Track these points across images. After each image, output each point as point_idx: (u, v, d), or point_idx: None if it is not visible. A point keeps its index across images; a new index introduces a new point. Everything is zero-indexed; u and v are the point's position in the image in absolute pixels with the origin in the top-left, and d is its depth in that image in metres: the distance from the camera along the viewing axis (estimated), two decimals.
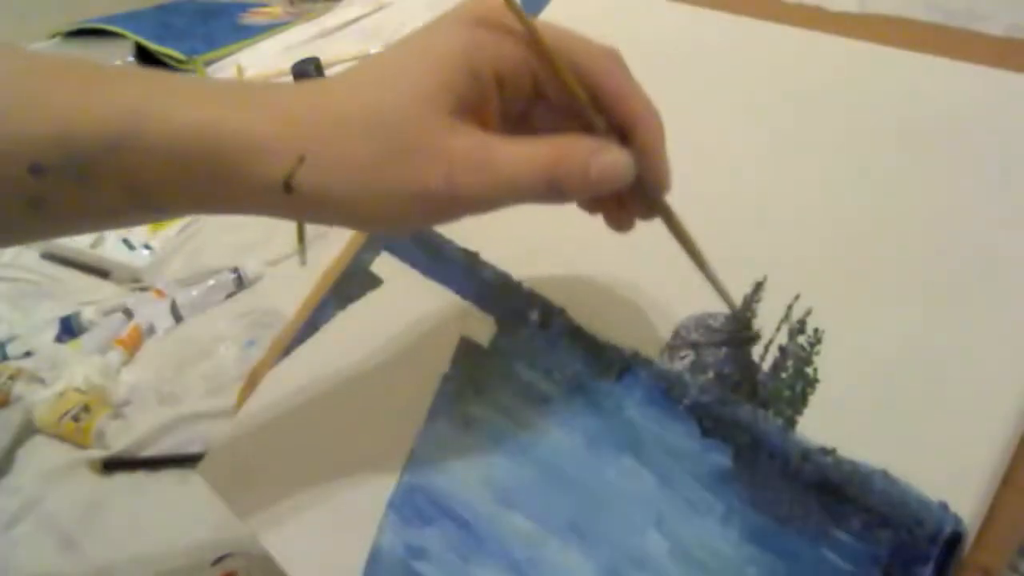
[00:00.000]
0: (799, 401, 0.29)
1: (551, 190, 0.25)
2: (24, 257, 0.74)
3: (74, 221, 0.28)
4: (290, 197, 0.25)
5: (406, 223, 0.27)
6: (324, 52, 0.92)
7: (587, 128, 0.26)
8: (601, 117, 0.26)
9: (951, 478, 0.26)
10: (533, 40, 0.26)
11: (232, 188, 0.26)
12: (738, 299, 0.32)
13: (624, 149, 0.26)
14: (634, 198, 0.28)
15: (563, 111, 0.27)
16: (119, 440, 0.54)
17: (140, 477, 0.52)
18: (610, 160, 0.26)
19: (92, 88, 0.25)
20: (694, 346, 0.32)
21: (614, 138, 0.26)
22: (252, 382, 0.43)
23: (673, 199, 0.28)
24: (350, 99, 0.26)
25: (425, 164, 0.25)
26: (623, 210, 0.29)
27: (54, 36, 1.17)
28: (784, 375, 0.30)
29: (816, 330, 0.30)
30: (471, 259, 0.39)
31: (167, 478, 0.52)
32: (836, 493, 0.27)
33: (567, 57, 0.26)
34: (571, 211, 0.35)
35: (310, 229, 0.68)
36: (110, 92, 0.25)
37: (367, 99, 0.26)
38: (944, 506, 0.25)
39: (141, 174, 0.25)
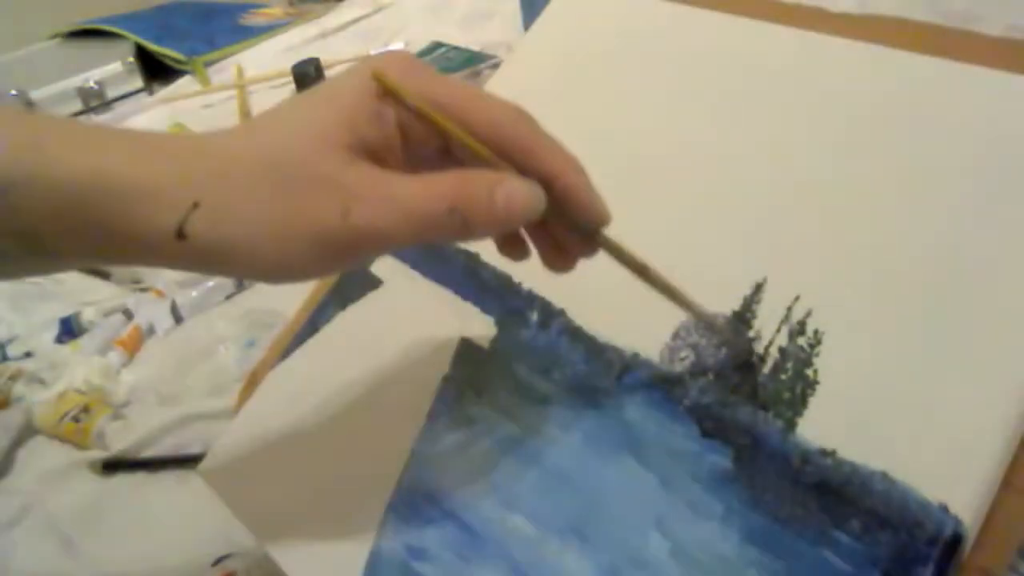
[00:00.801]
0: (799, 402, 0.29)
1: (454, 219, 0.24)
2: None
3: None
4: (185, 245, 0.24)
5: (307, 268, 0.25)
6: (324, 53, 0.92)
7: None
8: (505, 164, 0.26)
9: (951, 480, 0.26)
10: (422, 113, 0.26)
11: (125, 236, 0.25)
12: (738, 300, 0.32)
13: (531, 181, 0.25)
14: (573, 239, 0.28)
15: (472, 163, 0.26)
16: (119, 441, 0.54)
17: (140, 478, 0.52)
18: (515, 187, 0.25)
19: None
20: (694, 347, 0.32)
21: (522, 176, 0.26)
22: (252, 383, 0.43)
23: (674, 202, 0.28)
24: (245, 142, 0.26)
25: (320, 199, 0.24)
26: (561, 251, 0.28)
27: (54, 37, 1.17)
28: (784, 376, 0.30)
29: (816, 331, 0.30)
30: (471, 260, 0.39)
31: (167, 479, 0.52)
32: (836, 494, 0.27)
33: (464, 116, 0.26)
34: None
35: None
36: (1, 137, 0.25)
37: (261, 140, 0.26)
38: (944, 508, 0.25)
39: (32, 220, 0.24)
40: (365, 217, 0.24)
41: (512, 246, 0.29)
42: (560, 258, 0.29)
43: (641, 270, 0.28)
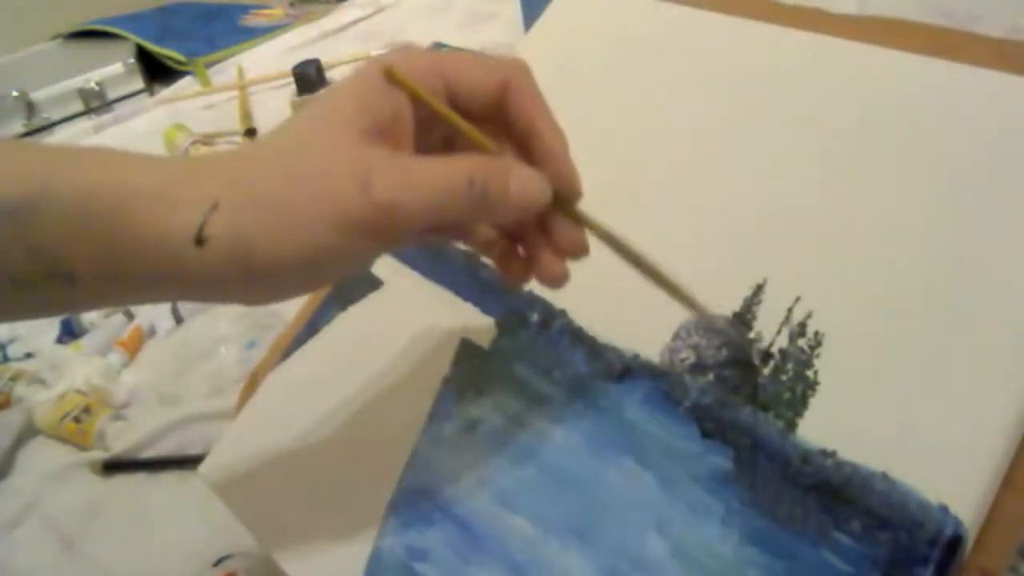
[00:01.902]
0: (799, 403, 0.29)
1: (473, 192, 0.25)
2: None
3: None
4: (205, 253, 0.24)
5: (333, 255, 0.25)
6: (325, 54, 0.92)
7: None
8: (500, 147, 0.27)
9: (951, 480, 0.26)
10: (417, 95, 0.26)
11: (142, 248, 0.24)
12: (738, 301, 0.32)
13: (539, 172, 0.26)
14: (561, 234, 0.28)
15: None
16: (120, 441, 0.54)
17: (141, 478, 0.52)
18: (528, 172, 0.26)
19: None
20: (694, 348, 0.32)
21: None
22: (253, 383, 0.43)
23: (674, 203, 0.28)
24: (259, 144, 0.26)
25: (339, 178, 0.24)
26: (553, 259, 0.28)
27: (55, 38, 1.17)
28: (784, 378, 0.30)
29: (816, 333, 0.30)
30: (472, 260, 0.39)
31: (168, 479, 0.52)
32: (836, 495, 0.27)
33: (465, 80, 0.27)
34: None
35: None
36: (13, 160, 0.24)
37: (275, 138, 0.26)
38: (944, 508, 0.25)
39: (45, 236, 0.24)
40: (386, 190, 0.24)
41: (512, 260, 0.30)
42: (554, 265, 0.28)
43: (620, 248, 0.29)
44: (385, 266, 0.42)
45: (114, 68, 1.04)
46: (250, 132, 0.89)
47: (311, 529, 0.35)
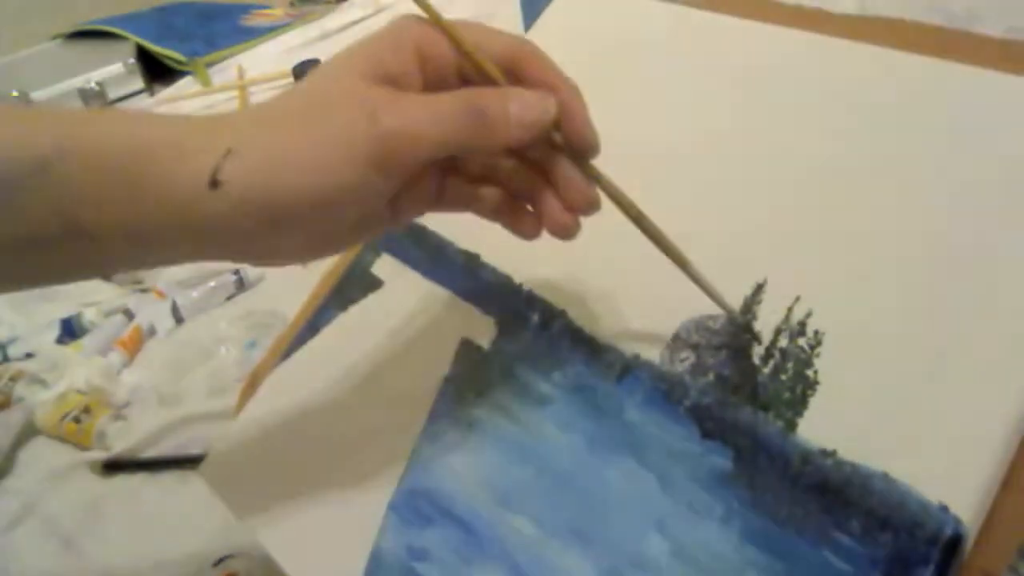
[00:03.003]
0: (799, 403, 0.29)
1: (473, 116, 0.26)
2: None
3: (6, 259, 0.27)
4: (220, 196, 0.25)
5: (347, 184, 0.25)
6: (325, 54, 0.92)
7: None
8: (503, 77, 0.28)
9: (951, 480, 0.26)
10: (446, 32, 0.27)
11: (158, 195, 0.25)
12: (738, 301, 0.32)
13: (540, 91, 0.27)
14: (571, 191, 0.29)
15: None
16: (120, 441, 0.54)
17: (141, 478, 0.52)
18: (528, 94, 0.27)
19: (15, 119, 0.25)
20: (694, 348, 0.32)
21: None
22: (253, 383, 0.43)
23: (674, 203, 0.28)
24: (276, 97, 0.27)
25: (347, 112, 0.25)
26: (563, 211, 0.29)
27: (55, 38, 1.17)
28: (784, 377, 0.30)
29: (816, 332, 0.30)
30: (472, 261, 0.39)
31: (168, 479, 0.52)
32: (836, 495, 0.27)
33: (481, 43, 0.28)
34: None
35: None
36: (33, 122, 0.25)
37: (289, 91, 0.27)
38: (944, 508, 0.25)
39: (63, 194, 0.25)
40: (393, 119, 0.25)
41: (520, 215, 0.30)
42: (564, 217, 0.29)
43: (635, 214, 0.30)
44: (385, 266, 0.42)
45: (114, 68, 1.04)
46: None
47: (311, 529, 0.35)
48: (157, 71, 1.08)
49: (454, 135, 0.26)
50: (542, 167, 0.29)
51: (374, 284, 0.41)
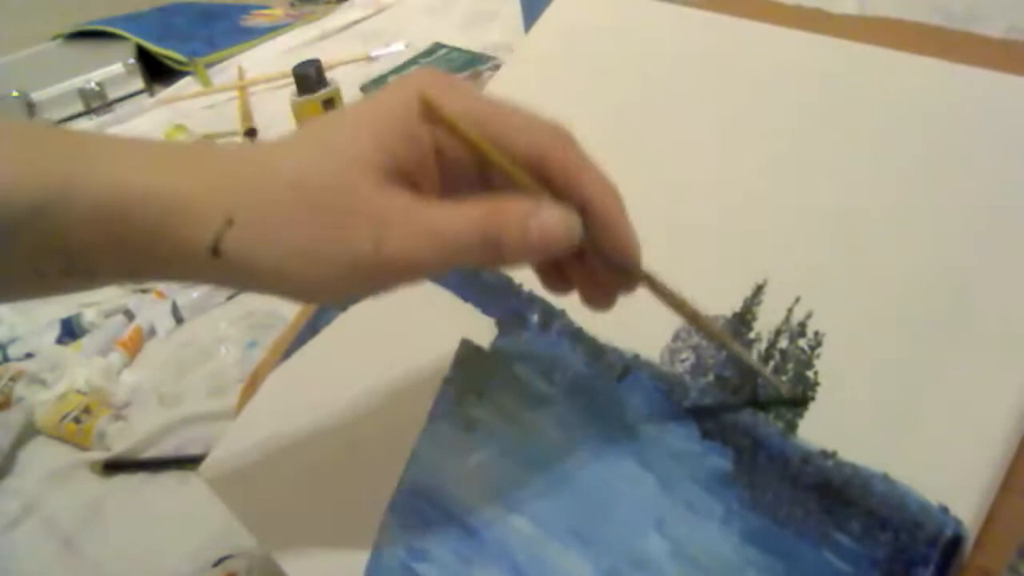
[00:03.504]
0: (799, 404, 0.29)
1: (487, 246, 0.24)
2: None
3: (5, 287, 0.27)
4: (218, 262, 0.24)
5: (339, 292, 0.26)
6: (325, 54, 0.92)
7: None
8: (540, 187, 0.25)
9: (951, 481, 0.26)
10: (455, 129, 0.25)
11: (159, 252, 0.25)
12: (738, 301, 0.32)
13: (568, 208, 0.25)
14: (610, 274, 0.27)
15: (509, 188, 0.26)
16: (120, 442, 0.54)
17: (141, 479, 0.52)
18: (550, 215, 0.25)
19: (18, 153, 0.25)
20: (694, 348, 0.32)
21: (560, 203, 0.25)
22: (253, 384, 0.43)
23: (674, 203, 0.28)
24: (282, 160, 0.26)
25: (353, 227, 0.24)
26: (600, 287, 0.28)
27: (55, 38, 1.17)
28: (784, 378, 0.30)
29: (816, 333, 0.30)
30: None
31: (168, 480, 0.52)
32: (836, 496, 0.27)
33: (505, 137, 0.25)
34: None
35: None
36: (36, 157, 0.25)
37: (298, 160, 0.25)
38: (944, 509, 0.25)
39: (67, 237, 0.24)
40: (397, 247, 0.24)
41: (553, 278, 0.29)
42: (599, 294, 0.28)
43: (687, 312, 0.28)
44: None
45: (114, 68, 1.04)
46: (250, 132, 0.89)
47: (311, 529, 0.35)
48: (157, 71, 1.08)
49: (463, 260, 0.25)
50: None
51: None
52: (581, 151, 0.26)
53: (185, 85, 1.04)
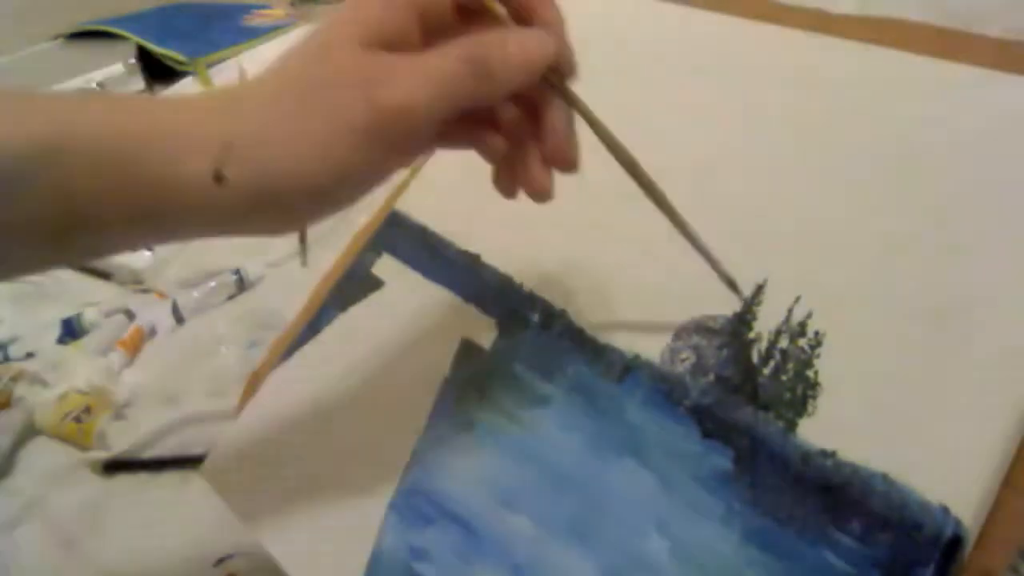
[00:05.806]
0: (800, 404, 0.29)
1: (478, 74, 0.25)
2: None
3: (7, 250, 0.26)
4: (227, 191, 0.24)
5: (356, 166, 0.25)
6: None
7: None
8: (501, 7, 0.27)
9: (952, 481, 0.26)
10: None
11: (163, 193, 0.25)
12: (739, 301, 0.32)
13: (537, 29, 0.27)
14: (553, 136, 0.28)
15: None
16: (121, 441, 0.54)
17: (142, 478, 0.52)
18: (526, 35, 0.26)
19: (15, 108, 0.25)
20: (695, 348, 0.32)
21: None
22: (254, 384, 0.43)
23: (675, 202, 0.28)
24: (270, 73, 0.26)
25: (342, 94, 0.25)
26: (540, 169, 0.29)
27: (56, 38, 1.17)
28: (785, 378, 0.30)
29: (817, 333, 0.30)
30: (472, 261, 0.39)
31: (169, 479, 0.52)
32: (836, 496, 0.27)
33: None
34: (573, 213, 0.35)
35: (311, 230, 0.68)
36: (34, 111, 0.25)
37: (280, 65, 0.26)
38: (945, 509, 0.25)
39: (69, 185, 0.24)
40: (389, 96, 0.24)
41: (511, 166, 0.30)
42: (541, 174, 0.29)
43: (603, 134, 0.29)
44: (385, 266, 0.42)
45: (115, 68, 1.04)
46: None
47: (312, 529, 0.35)
48: (158, 71, 1.08)
49: (457, 94, 0.25)
50: (534, 115, 0.29)
51: (375, 284, 0.41)
52: None
53: (186, 85, 1.04)
